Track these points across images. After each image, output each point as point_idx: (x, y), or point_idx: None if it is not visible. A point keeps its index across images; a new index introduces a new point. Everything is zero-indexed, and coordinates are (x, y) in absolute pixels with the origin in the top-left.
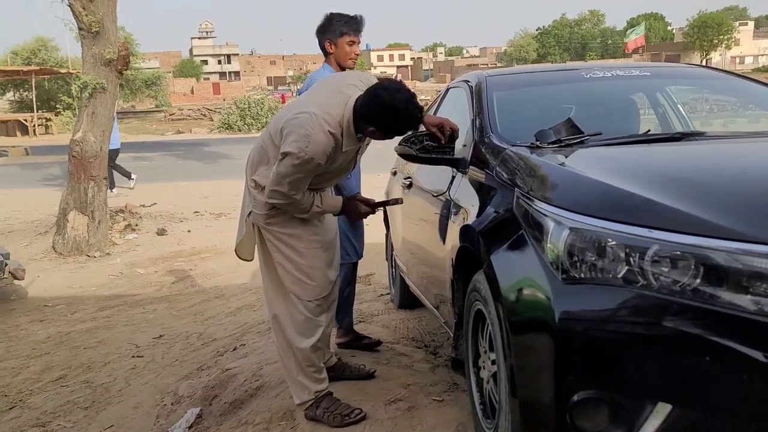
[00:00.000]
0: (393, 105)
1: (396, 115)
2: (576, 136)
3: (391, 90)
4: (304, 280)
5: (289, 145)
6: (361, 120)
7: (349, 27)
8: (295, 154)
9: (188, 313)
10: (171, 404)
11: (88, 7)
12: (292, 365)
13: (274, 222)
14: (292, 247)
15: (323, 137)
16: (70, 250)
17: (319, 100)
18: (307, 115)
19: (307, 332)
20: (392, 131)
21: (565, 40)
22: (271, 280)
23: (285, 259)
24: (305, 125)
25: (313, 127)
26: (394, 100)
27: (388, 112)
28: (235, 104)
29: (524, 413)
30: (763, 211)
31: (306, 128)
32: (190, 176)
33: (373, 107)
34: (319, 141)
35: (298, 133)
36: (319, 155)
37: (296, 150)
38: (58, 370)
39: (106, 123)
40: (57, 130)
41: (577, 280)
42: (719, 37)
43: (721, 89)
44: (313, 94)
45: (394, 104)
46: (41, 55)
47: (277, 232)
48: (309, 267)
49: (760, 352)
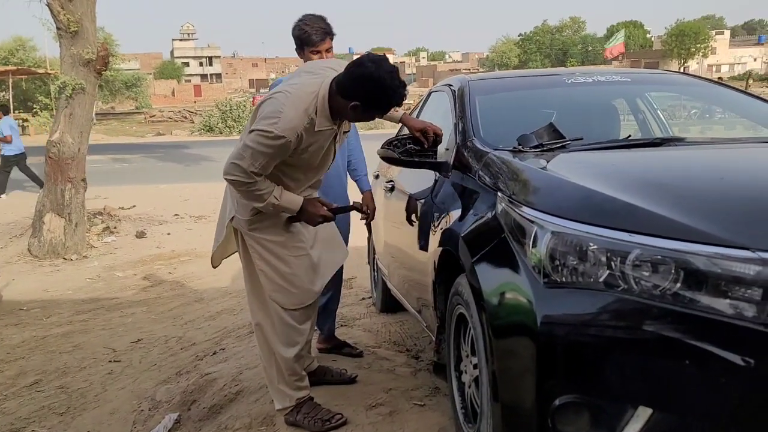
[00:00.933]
0: (380, 75)
1: (382, 86)
2: (557, 141)
3: (376, 61)
4: (287, 288)
5: (260, 122)
6: (342, 96)
7: (309, 42)
8: (263, 130)
9: (167, 317)
10: (148, 410)
11: (66, 7)
12: (273, 373)
13: (258, 228)
14: (276, 254)
15: (294, 114)
16: (46, 252)
17: (294, 81)
18: (281, 94)
19: (290, 341)
20: (376, 105)
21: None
22: (253, 287)
23: (267, 267)
24: (278, 102)
25: (285, 104)
26: (380, 71)
27: (375, 83)
28: (217, 106)
29: (506, 417)
30: (741, 216)
31: (278, 105)
32: (170, 178)
33: (358, 78)
34: (291, 117)
35: (269, 110)
36: (290, 132)
37: (265, 126)
38: (32, 375)
39: (84, 124)
40: (34, 131)
41: (559, 284)
42: (696, 45)
43: (699, 96)
44: (289, 81)
45: (381, 74)
46: (19, 55)
47: (260, 238)
48: (293, 275)
49: (739, 355)
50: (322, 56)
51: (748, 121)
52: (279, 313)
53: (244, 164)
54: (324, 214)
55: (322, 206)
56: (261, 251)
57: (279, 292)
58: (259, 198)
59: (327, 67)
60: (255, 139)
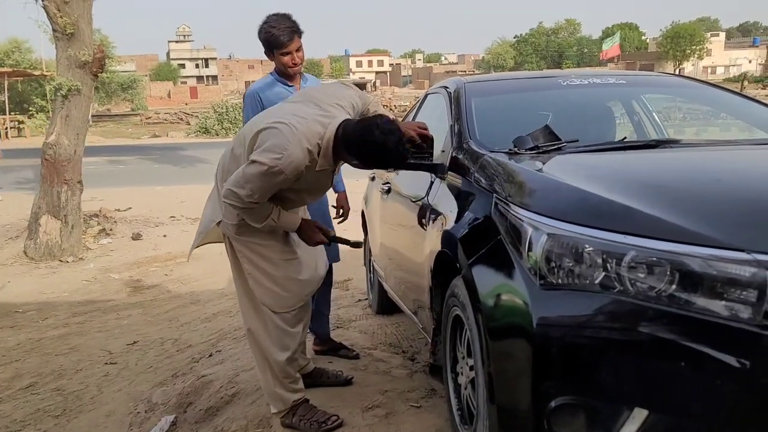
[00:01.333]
0: (385, 146)
1: (386, 156)
2: (553, 143)
3: (384, 131)
4: (278, 292)
5: (262, 154)
6: (346, 150)
7: (276, 43)
8: (266, 164)
9: (163, 319)
10: (144, 412)
11: (62, 9)
12: (268, 377)
13: (246, 231)
14: (266, 258)
15: (299, 153)
16: (42, 254)
17: (302, 113)
18: (287, 127)
19: (283, 344)
20: (377, 166)
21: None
22: (244, 291)
23: (257, 270)
24: (284, 137)
25: (291, 141)
26: (386, 142)
27: (379, 153)
28: (213, 108)
29: (502, 419)
30: (737, 217)
31: (284, 140)
32: (166, 180)
33: (365, 144)
34: (295, 156)
35: (275, 144)
36: (291, 170)
37: (268, 160)
38: (28, 378)
39: (80, 126)
40: (30, 133)
41: (555, 285)
42: (692, 47)
43: (694, 98)
44: (294, 107)
45: (387, 146)
46: (15, 56)
47: (248, 242)
48: (285, 278)
49: (734, 357)
50: (292, 57)
51: (743, 123)
52: (270, 317)
53: (243, 194)
54: (321, 241)
55: (319, 232)
56: (250, 255)
57: (269, 295)
58: (258, 220)
59: (335, 103)
60: (256, 171)
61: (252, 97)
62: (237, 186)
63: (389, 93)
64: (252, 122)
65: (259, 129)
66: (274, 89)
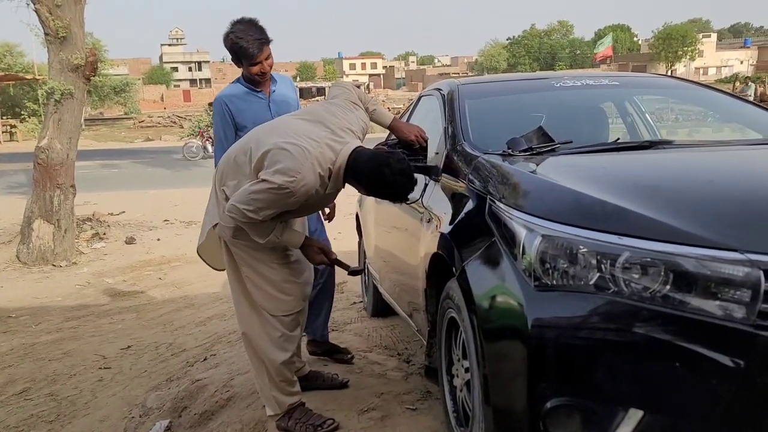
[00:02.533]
0: (395, 184)
1: (394, 192)
2: (547, 145)
3: (395, 170)
4: (277, 296)
5: (273, 174)
6: (355, 180)
7: (244, 55)
8: (276, 184)
9: (157, 323)
10: (139, 416)
11: (54, 12)
12: (264, 380)
13: (243, 235)
14: (264, 262)
15: (312, 178)
16: (35, 259)
17: (314, 136)
18: (300, 150)
19: (281, 347)
20: (383, 197)
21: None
22: (241, 294)
23: (256, 275)
24: (297, 160)
25: (304, 165)
26: (396, 180)
27: (388, 190)
28: (206, 111)
29: (497, 421)
30: (730, 218)
31: (297, 164)
32: (160, 184)
33: (373, 179)
34: (307, 180)
35: (287, 166)
36: (302, 193)
37: (280, 182)
38: (21, 383)
39: (72, 130)
40: (22, 137)
41: (550, 287)
42: (684, 48)
43: (687, 99)
44: (305, 127)
45: (396, 183)
46: (6, 60)
47: (245, 247)
48: (283, 281)
49: (728, 357)
50: (262, 66)
51: (736, 124)
52: (269, 320)
53: (248, 209)
54: (322, 262)
55: (321, 253)
56: (247, 259)
57: (268, 299)
58: (261, 235)
59: (347, 128)
60: (265, 191)
61: (220, 104)
62: (243, 203)
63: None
64: (258, 135)
65: (269, 148)
66: (243, 97)
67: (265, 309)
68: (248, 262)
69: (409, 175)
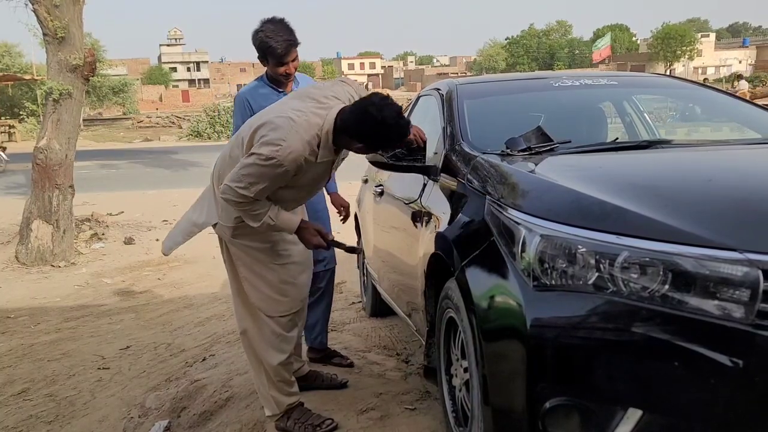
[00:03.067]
0: (384, 121)
1: (386, 131)
2: (546, 144)
3: (380, 106)
4: (274, 297)
5: (261, 147)
6: (346, 135)
7: (273, 55)
8: (264, 156)
9: (156, 324)
10: (138, 417)
11: (53, 13)
12: (262, 380)
13: (242, 235)
14: (262, 263)
15: (299, 145)
16: (33, 260)
17: (299, 107)
18: (284, 120)
19: (278, 348)
20: (381, 147)
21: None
22: (239, 294)
23: (253, 275)
24: (282, 129)
25: (289, 133)
26: (384, 116)
27: (379, 129)
28: (205, 112)
29: (497, 421)
30: (729, 217)
31: (282, 132)
32: (159, 184)
33: (362, 124)
34: (294, 148)
35: (272, 137)
36: (290, 163)
37: (267, 152)
38: (20, 384)
39: (71, 130)
40: (20, 138)
41: (549, 287)
42: (682, 48)
43: (685, 99)
44: (291, 102)
45: (385, 120)
46: (5, 60)
47: (244, 246)
48: (281, 282)
49: (727, 356)
50: (288, 67)
51: (734, 123)
52: (266, 321)
53: (241, 188)
54: (319, 244)
55: (317, 235)
56: (245, 259)
57: (264, 300)
58: (255, 218)
59: (332, 96)
60: (254, 165)
61: (242, 101)
62: (235, 181)
63: None
64: (248, 122)
65: (257, 126)
66: (265, 95)
67: (261, 310)
68: (246, 263)
69: (398, 111)
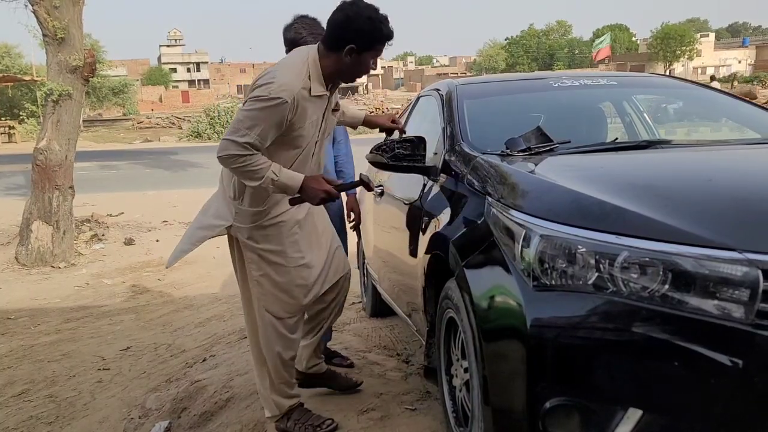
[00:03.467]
0: (360, 11)
1: (369, 20)
2: (545, 144)
3: (351, 2)
4: (283, 299)
5: (254, 92)
6: (334, 49)
7: (381, 38)
8: (258, 96)
9: (156, 324)
10: (138, 418)
11: (52, 14)
12: (265, 381)
13: (257, 236)
14: (275, 264)
15: (288, 78)
16: (33, 261)
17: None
18: (270, 68)
19: (285, 347)
20: (370, 40)
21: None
22: (248, 294)
23: (264, 278)
24: (269, 72)
25: (276, 71)
26: (359, 7)
27: (360, 19)
28: (205, 112)
29: (497, 421)
30: (728, 217)
31: (270, 74)
32: (159, 185)
33: (341, 23)
34: (284, 81)
35: (263, 80)
36: (285, 93)
37: (260, 92)
38: (20, 385)
39: (71, 131)
40: (20, 139)
41: (548, 287)
42: (682, 48)
43: (685, 98)
44: None
45: (362, 10)
46: (5, 62)
47: (259, 248)
48: (291, 285)
49: (727, 356)
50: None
51: (734, 123)
52: (272, 322)
53: (239, 136)
54: (327, 189)
55: (325, 182)
56: (258, 262)
57: (274, 302)
58: (257, 174)
59: (311, 45)
60: (250, 107)
61: None
62: (232, 132)
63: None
64: None
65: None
66: None
67: (269, 311)
68: (259, 265)
69: (369, 3)
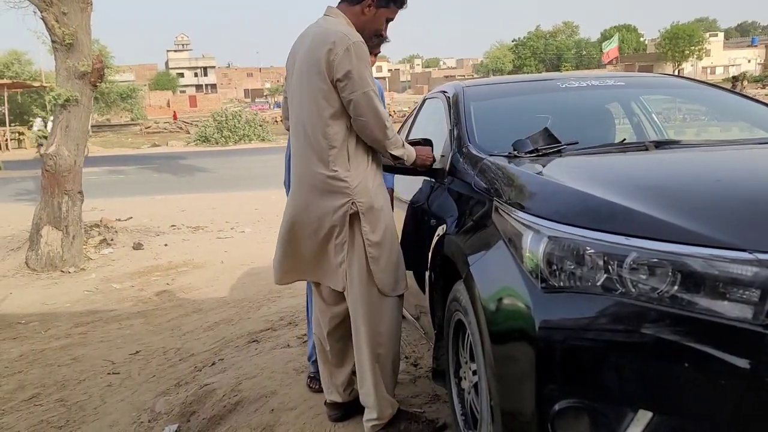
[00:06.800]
0: None
1: None
2: (553, 146)
3: None
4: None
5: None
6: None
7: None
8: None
9: (165, 328)
10: (148, 421)
11: (61, 20)
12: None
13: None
14: (394, 234)
15: (352, 29)
16: (43, 265)
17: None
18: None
19: (399, 332)
20: None
21: (540, 52)
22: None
23: (388, 251)
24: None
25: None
26: None
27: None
28: (212, 117)
29: (506, 423)
30: (737, 217)
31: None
32: (167, 190)
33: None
34: (350, 32)
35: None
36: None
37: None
38: (31, 389)
39: (80, 136)
40: (30, 144)
41: (557, 288)
42: (690, 48)
43: (693, 98)
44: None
45: None
46: (15, 68)
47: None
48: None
49: (737, 357)
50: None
51: (744, 123)
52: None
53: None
54: (428, 155)
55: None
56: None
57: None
58: (398, 141)
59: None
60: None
61: None
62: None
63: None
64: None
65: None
66: None
67: (395, 290)
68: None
69: None
